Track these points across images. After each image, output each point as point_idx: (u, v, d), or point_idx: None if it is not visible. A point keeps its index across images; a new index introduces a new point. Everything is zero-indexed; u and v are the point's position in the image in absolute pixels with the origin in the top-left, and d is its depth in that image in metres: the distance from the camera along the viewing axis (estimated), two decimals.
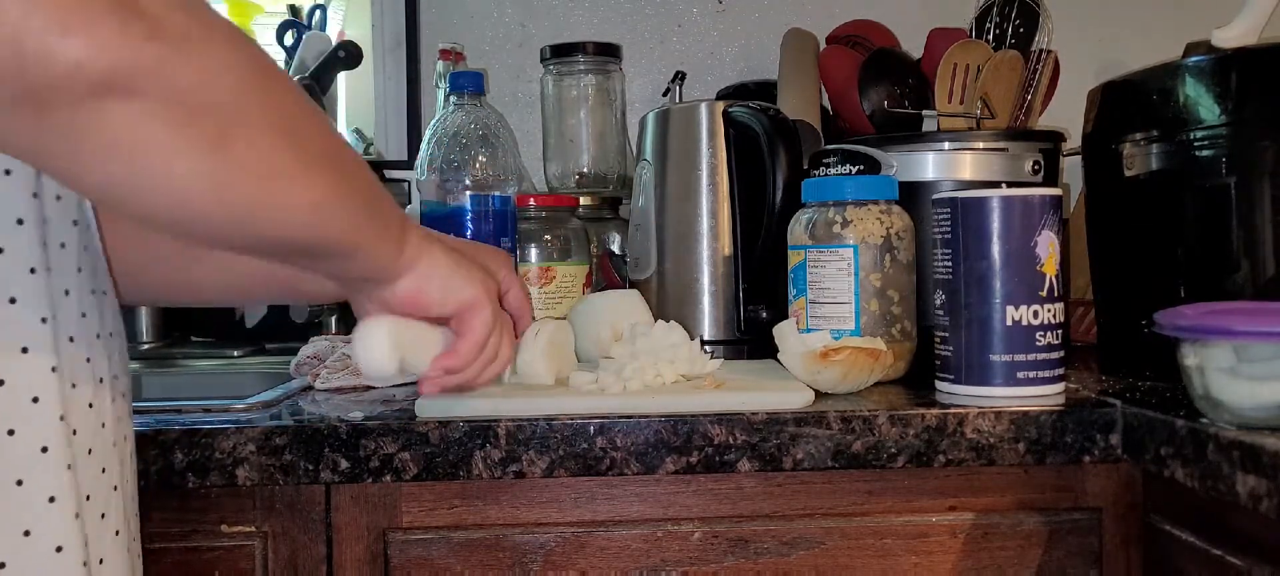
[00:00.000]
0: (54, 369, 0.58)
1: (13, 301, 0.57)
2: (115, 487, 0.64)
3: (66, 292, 0.61)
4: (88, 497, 0.61)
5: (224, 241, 0.61)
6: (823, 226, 0.99)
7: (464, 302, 0.74)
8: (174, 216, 0.54)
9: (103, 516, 0.63)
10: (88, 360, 0.62)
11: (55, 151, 0.50)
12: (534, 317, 0.98)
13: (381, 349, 0.73)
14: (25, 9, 0.44)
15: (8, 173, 0.57)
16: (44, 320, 0.58)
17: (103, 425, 0.63)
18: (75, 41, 0.45)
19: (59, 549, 0.58)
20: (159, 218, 0.55)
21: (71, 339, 0.61)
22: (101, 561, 0.62)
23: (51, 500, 0.58)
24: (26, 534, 0.57)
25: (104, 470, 0.63)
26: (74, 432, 0.60)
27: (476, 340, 0.76)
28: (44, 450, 0.57)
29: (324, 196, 0.59)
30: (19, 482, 0.56)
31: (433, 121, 1.35)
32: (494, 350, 0.79)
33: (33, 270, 0.58)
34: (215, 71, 0.50)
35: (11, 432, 0.56)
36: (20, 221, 0.58)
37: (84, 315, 0.63)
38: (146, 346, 1.42)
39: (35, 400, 0.57)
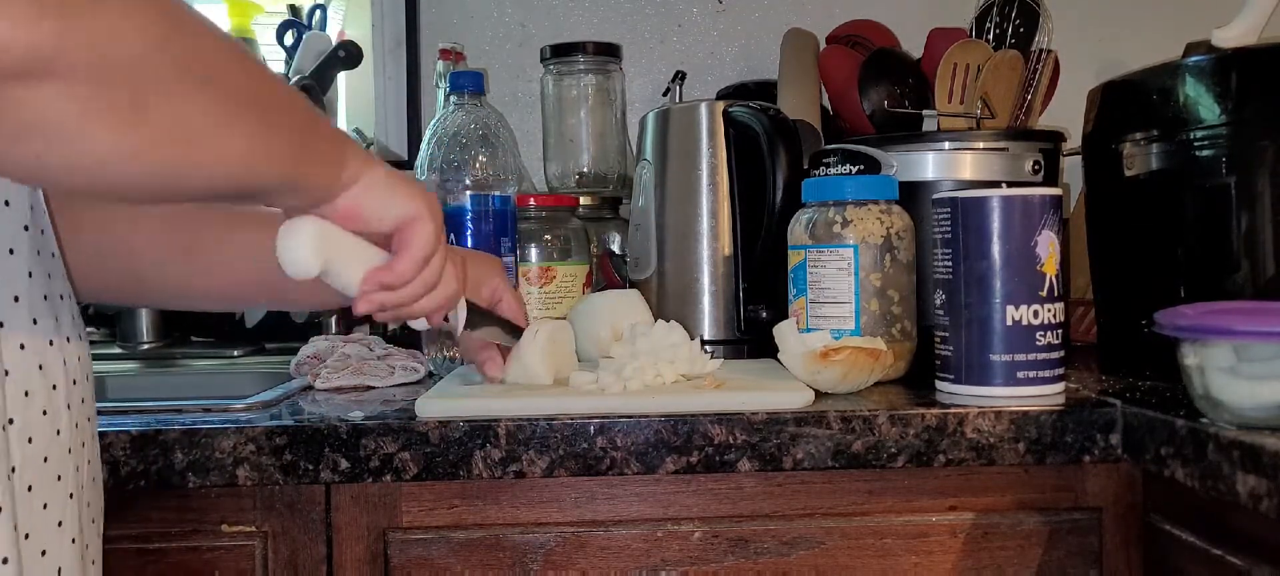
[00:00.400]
0: (6, 372, 0.58)
1: None
2: (71, 495, 0.63)
3: (15, 299, 0.60)
4: (45, 505, 0.60)
5: (152, 200, 0.59)
6: (823, 226, 0.99)
7: (403, 216, 0.71)
8: (99, 187, 0.53)
9: (59, 524, 0.62)
10: (40, 367, 0.61)
11: None
12: (529, 321, 0.98)
13: (304, 245, 0.68)
14: None
15: None
16: None
17: (57, 432, 0.62)
18: None
19: (4, 560, 0.57)
20: (84, 189, 0.54)
21: (21, 347, 0.60)
22: (60, 571, 0.62)
23: None
24: None
25: (59, 477, 0.62)
26: (30, 441, 0.60)
27: (415, 256, 0.72)
28: None
29: (250, 144, 0.57)
30: None
31: (433, 121, 1.35)
32: (434, 275, 0.75)
33: None
34: (120, 36, 0.48)
35: None
36: None
37: (36, 321, 0.61)
38: (146, 346, 1.42)
39: None
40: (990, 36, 1.22)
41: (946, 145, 1.08)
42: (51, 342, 0.63)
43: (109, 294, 0.81)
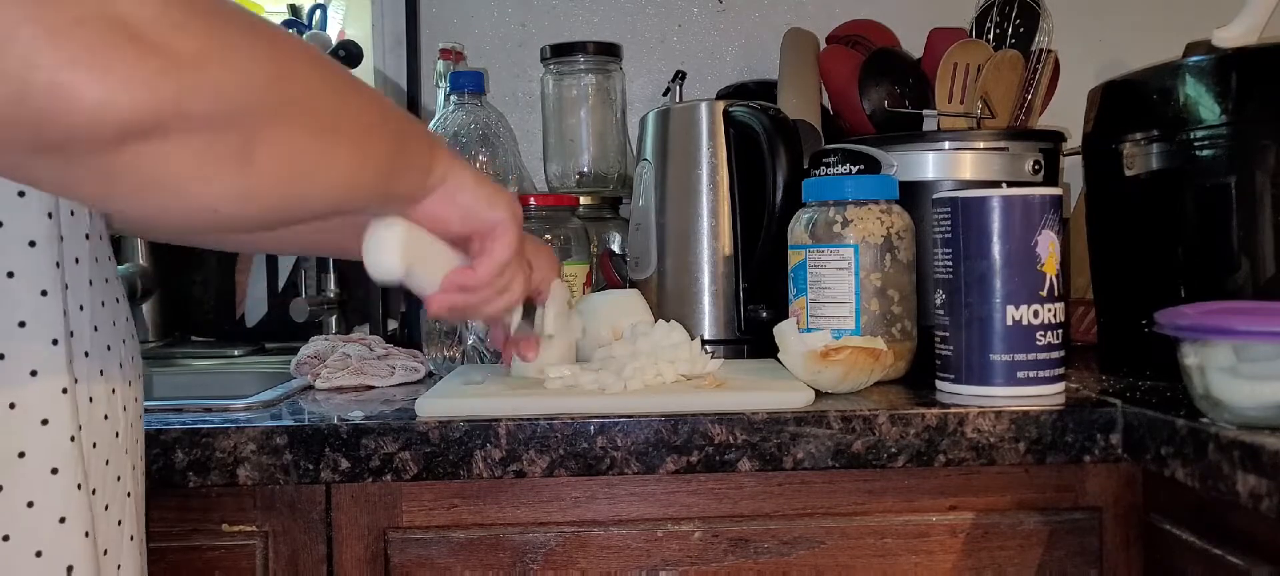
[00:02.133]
0: (64, 390, 0.59)
1: (21, 326, 0.57)
2: (129, 494, 0.65)
3: (81, 308, 0.62)
4: (106, 507, 0.62)
5: (260, 230, 0.61)
6: (823, 226, 0.99)
7: (488, 222, 0.73)
8: (209, 227, 0.54)
9: (119, 523, 0.64)
10: (102, 373, 0.63)
11: (87, 192, 0.51)
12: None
13: (392, 250, 0.70)
14: (31, 63, 0.41)
15: (21, 195, 0.57)
16: (55, 342, 0.59)
17: (117, 434, 0.64)
18: (91, 94, 0.43)
19: (70, 569, 0.59)
20: (200, 230, 0.55)
21: (87, 354, 0.62)
22: (119, 567, 0.63)
23: (62, 521, 0.58)
24: (39, 554, 0.57)
25: (119, 477, 0.64)
26: (94, 446, 0.61)
27: (498, 261, 0.75)
28: (54, 471, 0.58)
29: (349, 169, 0.58)
30: (30, 504, 0.57)
31: (433, 121, 1.35)
32: (508, 280, 0.77)
33: (44, 292, 0.58)
34: (232, 85, 0.49)
35: (22, 455, 0.57)
36: (32, 243, 0.58)
37: (97, 328, 0.63)
38: (147, 346, 1.42)
39: (45, 422, 0.58)
40: (990, 36, 1.22)
41: (946, 145, 1.08)
42: (109, 347, 0.64)
43: (162, 235, 0.82)
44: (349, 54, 1.53)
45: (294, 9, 1.66)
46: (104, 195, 0.50)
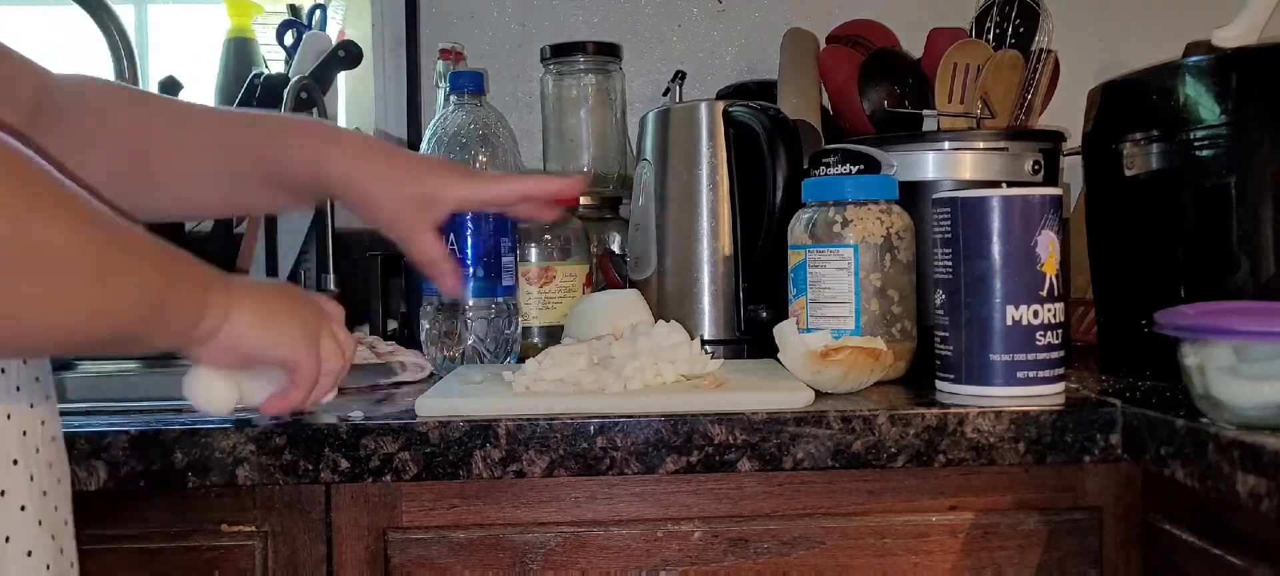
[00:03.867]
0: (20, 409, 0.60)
1: None
2: (22, 508, 0.63)
3: None
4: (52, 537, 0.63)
5: None
6: (823, 226, 0.99)
7: (277, 360, 0.73)
8: None
9: (62, 551, 0.64)
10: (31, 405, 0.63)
11: None
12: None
13: (214, 392, 0.74)
14: None
15: None
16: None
17: (36, 450, 0.64)
18: None
19: (48, 566, 0.60)
20: None
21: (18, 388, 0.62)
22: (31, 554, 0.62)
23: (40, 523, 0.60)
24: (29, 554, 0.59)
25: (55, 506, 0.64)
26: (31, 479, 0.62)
27: (304, 386, 0.75)
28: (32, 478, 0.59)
29: (77, 321, 0.57)
30: (22, 509, 0.59)
31: (433, 121, 1.35)
32: (322, 376, 0.76)
33: None
34: None
35: (15, 463, 0.59)
36: None
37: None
38: None
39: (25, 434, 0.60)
40: (990, 36, 1.22)
41: (946, 145, 1.08)
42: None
43: None
44: (349, 54, 1.53)
45: (294, 9, 1.66)
46: None
